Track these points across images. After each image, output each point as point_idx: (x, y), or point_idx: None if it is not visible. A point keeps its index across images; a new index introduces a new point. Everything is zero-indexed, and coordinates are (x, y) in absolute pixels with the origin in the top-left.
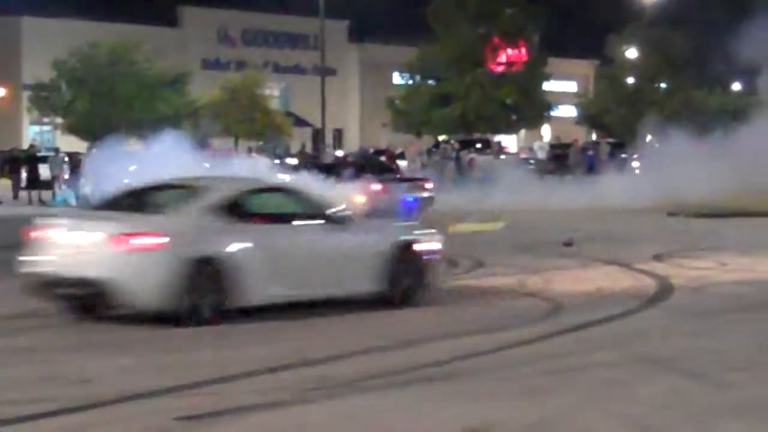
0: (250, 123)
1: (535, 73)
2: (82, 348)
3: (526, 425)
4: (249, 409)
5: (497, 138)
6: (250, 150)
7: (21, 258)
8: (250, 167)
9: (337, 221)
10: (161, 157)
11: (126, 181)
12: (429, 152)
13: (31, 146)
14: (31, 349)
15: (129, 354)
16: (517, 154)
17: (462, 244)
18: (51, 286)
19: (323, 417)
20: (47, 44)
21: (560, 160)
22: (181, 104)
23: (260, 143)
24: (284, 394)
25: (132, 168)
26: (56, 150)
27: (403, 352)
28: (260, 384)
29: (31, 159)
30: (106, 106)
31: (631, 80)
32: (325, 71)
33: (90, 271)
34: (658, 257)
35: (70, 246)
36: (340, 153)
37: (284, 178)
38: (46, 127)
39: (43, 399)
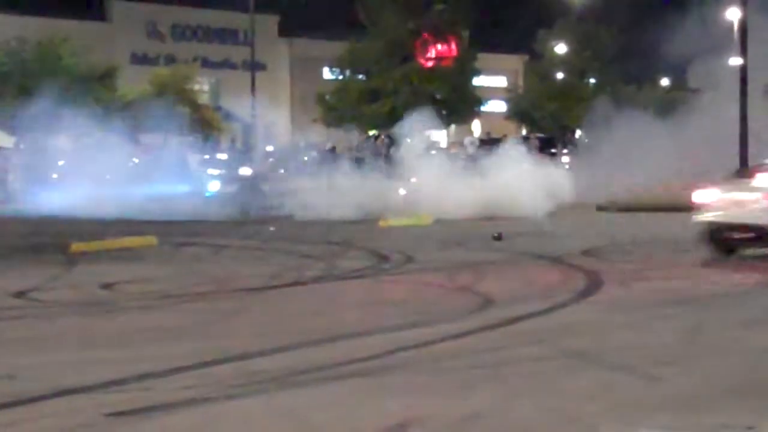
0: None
1: (464, 68)
2: (6, 344)
3: (455, 419)
4: (179, 404)
5: (427, 133)
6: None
7: (695, 214)
8: (179, 162)
9: None
10: (90, 152)
11: (54, 175)
12: (359, 148)
13: None
14: None
15: (56, 350)
16: (447, 149)
17: (392, 239)
18: (721, 230)
19: (252, 413)
20: None
21: None
22: (110, 99)
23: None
24: (214, 389)
25: (60, 163)
26: None
27: (333, 347)
28: (191, 380)
29: None
30: (34, 102)
31: (560, 75)
32: (255, 66)
33: (756, 219)
34: (587, 252)
35: (733, 202)
36: (270, 148)
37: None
38: None
39: None
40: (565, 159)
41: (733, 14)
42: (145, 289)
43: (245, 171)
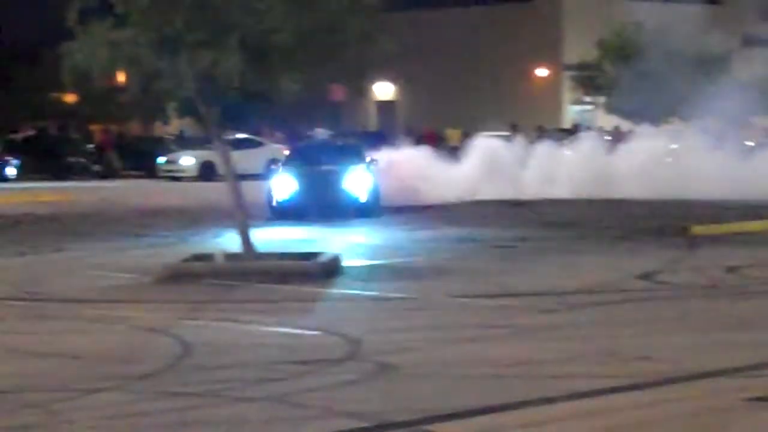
0: None
1: None
2: (637, 324)
3: None
4: None
5: None
6: None
7: None
8: None
9: None
10: (704, 135)
11: (668, 159)
12: None
13: (574, 125)
14: (591, 323)
15: (685, 332)
16: None
17: None
18: None
19: None
20: (588, 24)
21: None
22: (725, 82)
23: None
24: None
25: (672, 147)
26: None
27: None
28: None
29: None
30: (648, 86)
31: None
32: None
33: None
34: None
35: None
36: None
37: None
38: (587, 107)
39: (602, 375)
40: None
41: None
42: None
43: None
